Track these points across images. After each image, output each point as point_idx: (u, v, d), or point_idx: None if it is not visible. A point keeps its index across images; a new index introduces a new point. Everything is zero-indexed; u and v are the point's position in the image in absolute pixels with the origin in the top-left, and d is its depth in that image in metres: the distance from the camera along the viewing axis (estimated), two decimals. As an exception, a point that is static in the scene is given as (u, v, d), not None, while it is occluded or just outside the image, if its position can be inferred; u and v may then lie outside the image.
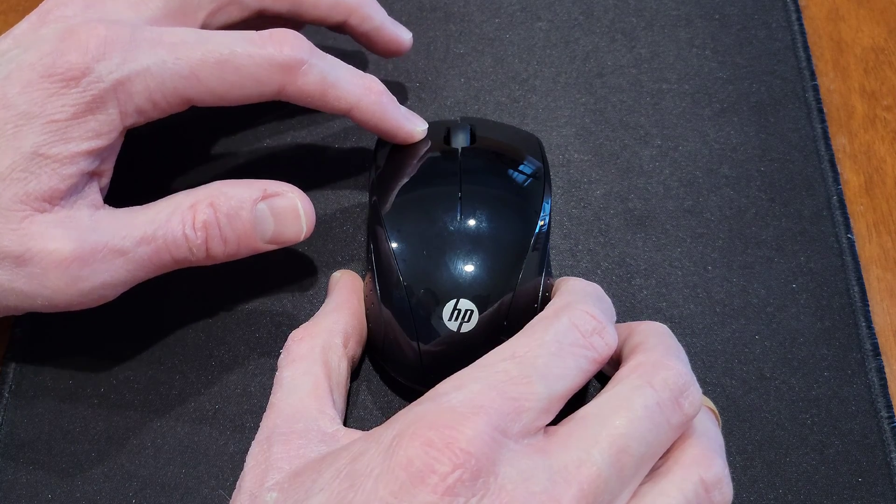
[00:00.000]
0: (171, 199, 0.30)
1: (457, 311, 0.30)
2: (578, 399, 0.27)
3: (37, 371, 0.33)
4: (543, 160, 0.34)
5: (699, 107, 0.39)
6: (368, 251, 0.32)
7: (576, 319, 0.26)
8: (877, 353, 0.33)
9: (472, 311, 0.30)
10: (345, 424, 0.29)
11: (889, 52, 0.41)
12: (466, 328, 0.30)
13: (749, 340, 0.33)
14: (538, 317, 0.27)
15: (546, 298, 0.31)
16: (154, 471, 0.31)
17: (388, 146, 0.34)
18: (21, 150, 0.28)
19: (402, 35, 0.37)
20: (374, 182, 0.33)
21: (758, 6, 0.42)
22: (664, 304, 0.34)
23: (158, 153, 0.38)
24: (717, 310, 0.34)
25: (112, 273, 0.29)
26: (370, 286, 0.31)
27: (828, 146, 0.38)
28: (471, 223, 0.31)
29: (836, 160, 0.38)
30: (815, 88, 0.40)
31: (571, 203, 0.37)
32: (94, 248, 0.28)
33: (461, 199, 0.31)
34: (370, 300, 0.32)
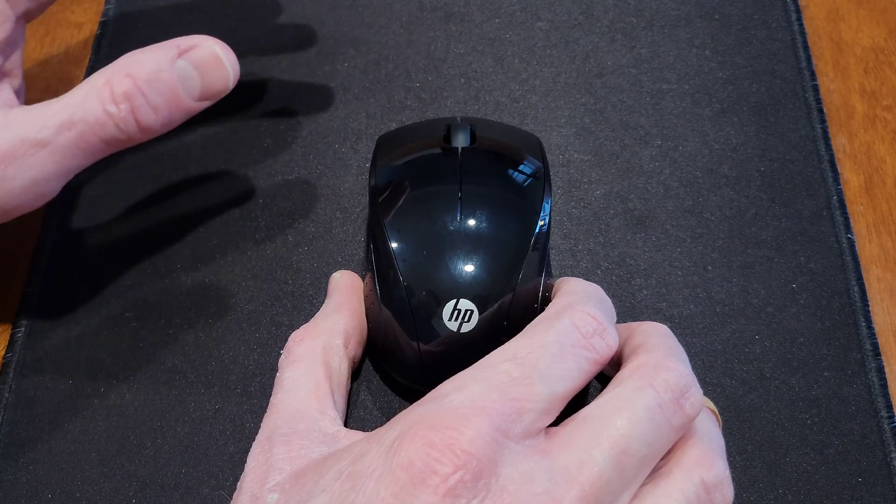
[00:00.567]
0: (84, 83, 0.29)
1: (457, 312, 0.30)
2: (579, 400, 0.27)
3: (37, 371, 0.33)
4: (543, 160, 0.34)
5: (699, 107, 0.39)
6: (368, 251, 0.32)
7: (577, 320, 0.26)
8: (877, 353, 0.33)
9: (472, 312, 0.30)
10: (345, 425, 0.29)
11: (889, 52, 0.41)
12: (466, 328, 0.30)
13: (749, 340, 0.33)
14: (539, 318, 0.27)
15: (546, 298, 0.31)
16: (154, 471, 0.31)
17: (389, 146, 0.34)
18: None
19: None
20: (374, 182, 0.33)
21: (758, 6, 0.42)
22: (664, 304, 0.34)
23: (157, 155, 0.38)
24: (717, 310, 0.34)
25: (39, 168, 0.28)
26: (370, 286, 0.31)
27: (828, 146, 0.38)
28: (471, 223, 0.31)
29: (836, 160, 0.38)
30: (815, 88, 0.40)
31: (571, 203, 0.37)
32: (12, 146, 0.28)
33: (461, 199, 0.31)
34: (370, 300, 0.32)
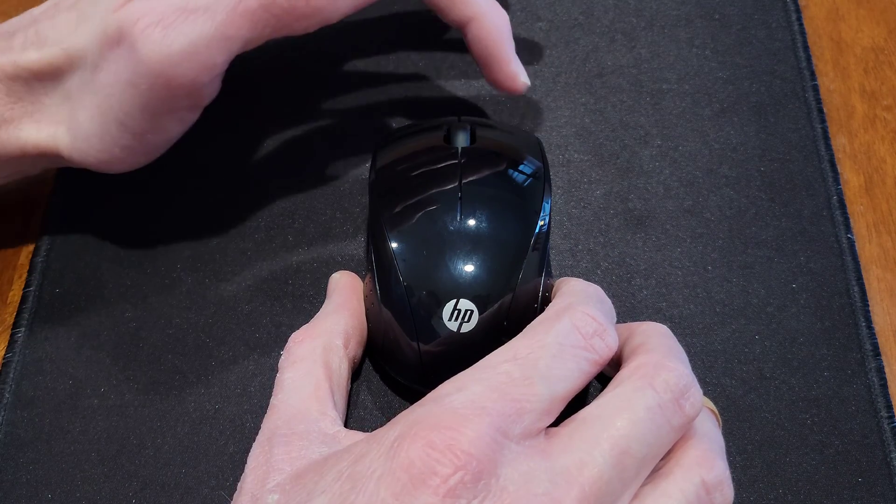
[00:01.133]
0: None
1: (457, 312, 0.30)
2: (579, 401, 0.27)
3: (37, 371, 0.33)
4: (543, 160, 0.34)
5: (699, 107, 0.39)
6: (368, 251, 0.32)
7: (577, 321, 0.26)
8: (877, 353, 0.33)
9: (472, 312, 0.30)
10: (345, 425, 0.29)
11: (889, 52, 0.41)
12: (466, 328, 0.30)
13: (749, 340, 0.33)
14: (539, 318, 0.27)
15: (546, 298, 0.31)
16: (154, 471, 0.31)
17: (389, 146, 0.34)
18: None
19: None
20: (374, 182, 0.33)
21: (758, 6, 0.42)
22: (664, 304, 0.34)
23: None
24: (717, 310, 0.34)
25: (198, 32, 0.28)
26: (370, 286, 0.31)
27: (828, 146, 0.38)
28: (471, 223, 0.31)
29: (836, 160, 0.38)
30: (815, 88, 0.40)
31: (571, 203, 0.37)
32: (171, 10, 0.28)
33: (461, 199, 0.31)
34: (370, 300, 0.32)
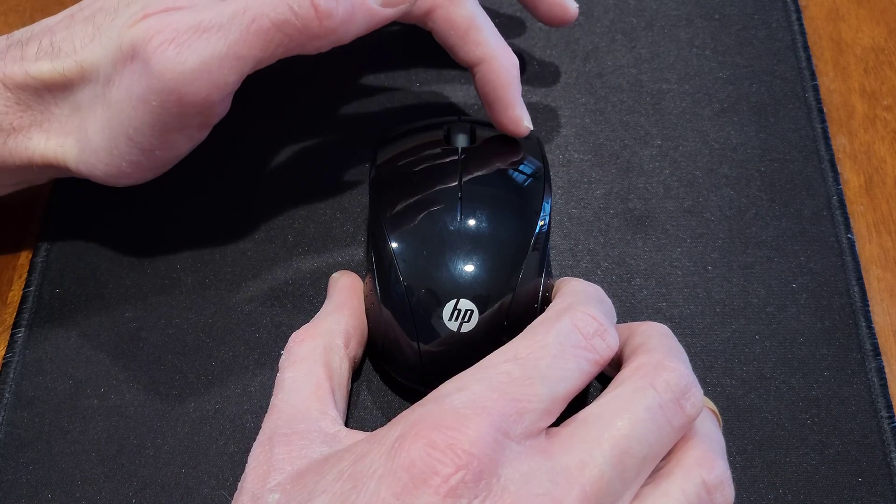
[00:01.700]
0: None
1: (457, 312, 0.30)
2: (580, 401, 0.27)
3: (37, 371, 0.33)
4: (543, 160, 0.34)
5: (699, 107, 0.39)
6: (368, 251, 0.32)
7: (577, 321, 0.26)
8: (877, 353, 0.33)
9: (473, 312, 0.30)
10: (346, 425, 0.29)
11: (889, 52, 0.41)
12: (466, 328, 0.30)
13: (749, 340, 0.33)
14: (539, 318, 0.27)
15: (546, 298, 0.31)
16: (154, 471, 0.31)
17: (389, 146, 0.34)
18: None
19: (569, 2, 0.36)
20: (374, 182, 0.33)
21: (758, 6, 0.42)
22: (664, 304, 0.34)
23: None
24: (717, 310, 0.34)
25: (210, 50, 0.28)
26: (370, 286, 0.31)
27: (828, 146, 0.38)
28: (471, 223, 0.31)
29: (836, 160, 0.38)
30: (815, 88, 0.40)
31: (571, 203, 0.37)
32: (185, 29, 0.28)
33: (461, 199, 0.31)
34: (370, 300, 0.32)
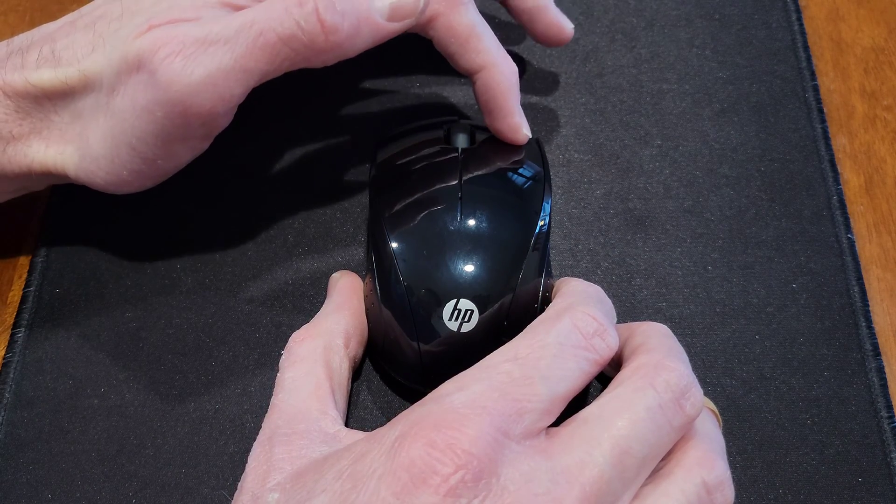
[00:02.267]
0: None
1: (457, 311, 0.30)
2: (580, 401, 0.27)
3: (37, 371, 0.33)
4: (543, 160, 0.34)
5: (699, 107, 0.39)
6: (368, 251, 0.32)
7: (577, 321, 0.26)
8: (877, 353, 0.33)
9: (473, 311, 0.30)
10: (346, 425, 0.29)
11: (889, 52, 0.41)
12: (466, 328, 0.30)
13: (749, 340, 0.33)
14: (539, 318, 0.27)
15: (546, 298, 0.31)
16: (154, 471, 0.31)
17: (389, 146, 0.34)
18: None
19: (564, 24, 0.37)
20: (374, 182, 0.33)
21: (758, 6, 0.42)
22: (664, 304, 0.34)
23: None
24: (717, 310, 0.34)
25: (216, 63, 0.28)
26: (370, 286, 0.31)
27: (828, 146, 0.38)
28: (471, 223, 0.31)
29: (836, 160, 0.38)
30: (815, 88, 0.40)
31: (571, 203, 0.37)
32: (192, 41, 0.28)
33: (461, 200, 0.31)
34: (370, 300, 0.32)
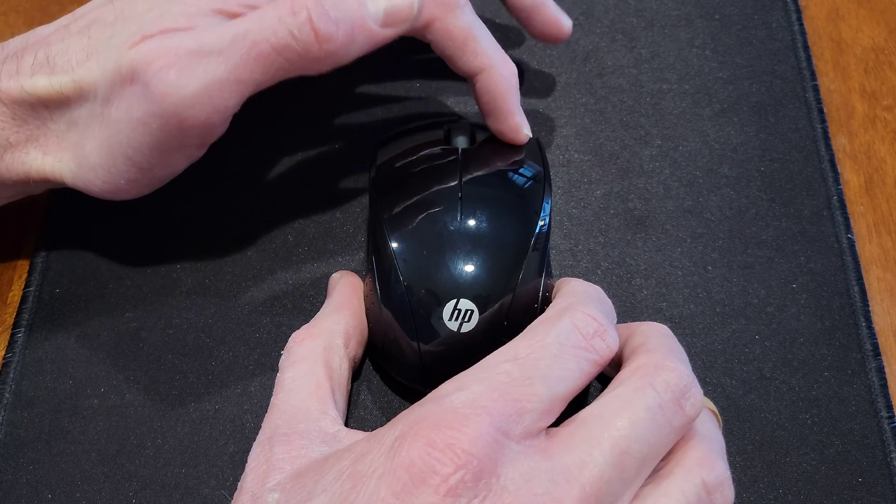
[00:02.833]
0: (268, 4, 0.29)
1: (457, 312, 0.30)
2: (580, 401, 0.27)
3: (37, 371, 0.33)
4: (543, 160, 0.34)
5: (699, 107, 0.39)
6: (368, 251, 0.32)
7: (577, 321, 0.26)
8: (877, 353, 0.33)
9: (473, 312, 0.30)
10: (346, 425, 0.29)
11: (889, 52, 0.41)
12: (467, 328, 0.30)
13: (749, 340, 0.33)
14: (539, 318, 0.27)
15: (546, 299, 0.31)
16: (154, 471, 0.31)
17: (389, 146, 0.34)
18: None
19: (563, 20, 0.36)
20: (374, 182, 0.33)
21: (758, 6, 0.42)
22: (664, 304, 0.34)
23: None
24: (717, 310, 0.34)
25: (210, 75, 0.28)
26: (370, 286, 0.31)
27: (828, 146, 0.38)
28: (471, 223, 0.31)
29: (836, 160, 0.38)
30: (815, 88, 0.40)
31: (571, 203, 0.37)
32: (185, 54, 0.28)
33: (461, 200, 0.31)
34: (370, 300, 0.32)
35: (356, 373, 0.32)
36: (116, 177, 0.31)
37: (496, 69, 0.33)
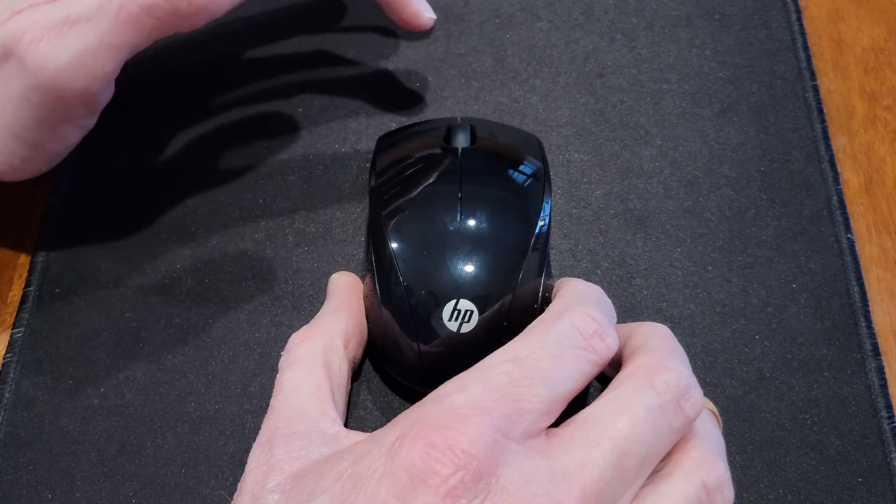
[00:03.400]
0: None
1: (457, 312, 0.30)
2: (580, 401, 0.27)
3: (37, 371, 0.33)
4: (543, 160, 0.34)
5: (699, 107, 0.39)
6: (368, 252, 0.32)
7: (577, 322, 0.26)
8: (877, 353, 0.33)
9: (472, 312, 0.30)
10: (345, 425, 0.29)
11: (889, 53, 0.41)
12: (466, 329, 0.30)
13: (749, 340, 0.33)
14: (539, 319, 0.27)
15: (546, 299, 0.31)
16: (154, 471, 0.31)
17: (389, 146, 0.34)
18: None
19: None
20: (374, 182, 0.33)
21: (758, 6, 0.42)
22: (664, 304, 0.34)
23: (156, 155, 0.38)
24: (717, 310, 0.34)
25: (83, 42, 0.28)
26: (370, 287, 0.31)
27: (828, 146, 0.38)
28: (471, 223, 0.31)
29: (836, 160, 0.38)
30: (815, 88, 0.40)
31: (571, 203, 0.37)
32: (55, 24, 0.28)
33: (461, 200, 0.31)
34: (370, 301, 0.32)
35: (356, 373, 0.32)
36: (10, 157, 0.31)
37: None
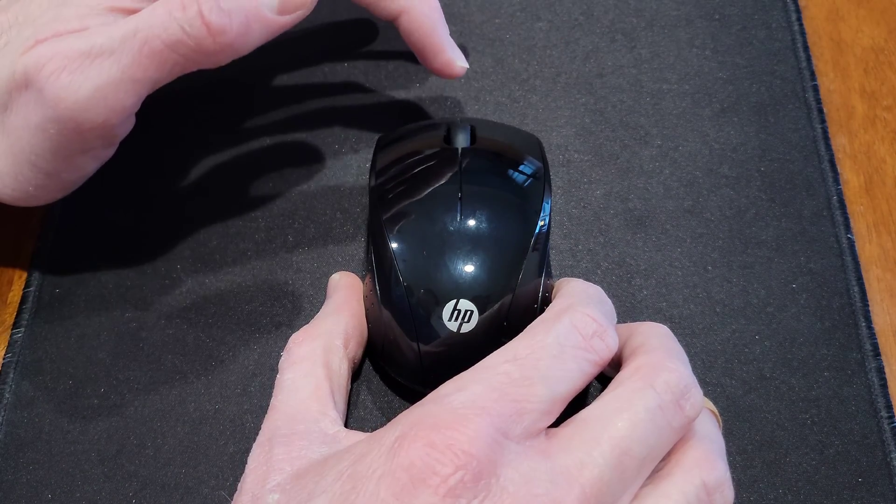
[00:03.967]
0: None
1: (457, 312, 0.30)
2: (579, 401, 0.28)
3: (37, 371, 0.33)
4: (543, 160, 0.34)
5: (699, 107, 0.39)
6: (368, 252, 0.32)
7: (577, 322, 0.26)
8: (877, 353, 0.33)
9: (472, 312, 0.30)
10: (345, 425, 0.29)
11: (889, 52, 0.41)
12: (466, 329, 0.30)
13: (749, 340, 0.33)
14: (539, 319, 0.27)
15: (546, 299, 0.31)
16: (154, 471, 0.31)
17: (389, 146, 0.34)
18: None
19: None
20: (374, 182, 0.33)
21: (758, 6, 0.42)
22: (664, 304, 0.34)
23: (156, 155, 0.38)
24: (717, 310, 0.34)
25: (104, 75, 0.28)
26: (370, 287, 0.31)
27: (828, 146, 0.38)
28: (471, 223, 0.31)
29: (836, 160, 0.38)
30: (815, 88, 0.40)
31: (571, 203, 0.37)
32: (81, 54, 0.28)
33: (461, 200, 0.31)
34: (370, 301, 0.32)
35: (356, 373, 0.32)
36: (24, 184, 0.31)
37: (416, 8, 0.32)
